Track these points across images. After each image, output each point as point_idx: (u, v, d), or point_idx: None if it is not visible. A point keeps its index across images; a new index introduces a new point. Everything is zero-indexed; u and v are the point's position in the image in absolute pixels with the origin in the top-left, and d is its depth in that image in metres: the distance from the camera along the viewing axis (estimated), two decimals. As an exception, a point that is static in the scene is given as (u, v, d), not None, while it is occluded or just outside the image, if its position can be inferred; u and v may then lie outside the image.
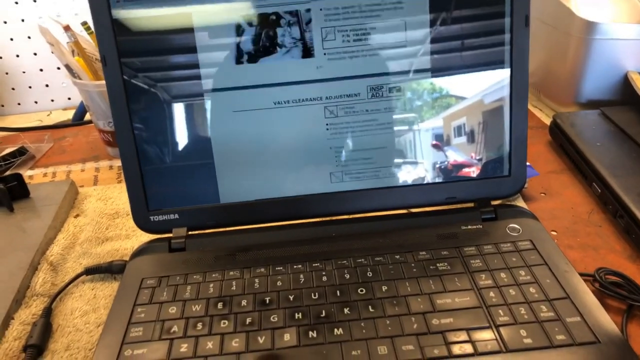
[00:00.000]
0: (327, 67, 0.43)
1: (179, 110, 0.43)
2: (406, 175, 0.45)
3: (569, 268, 0.38)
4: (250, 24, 0.42)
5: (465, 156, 0.45)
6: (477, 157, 0.45)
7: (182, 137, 0.44)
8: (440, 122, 0.44)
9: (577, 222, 0.47)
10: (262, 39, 0.42)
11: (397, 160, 0.45)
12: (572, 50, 0.60)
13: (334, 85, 0.43)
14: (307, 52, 0.42)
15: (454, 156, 0.45)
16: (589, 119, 0.57)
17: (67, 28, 0.57)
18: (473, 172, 0.45)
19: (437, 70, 0.43)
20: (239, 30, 0.42)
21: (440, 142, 0.45)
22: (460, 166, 0.45)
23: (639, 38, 0.58)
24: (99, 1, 0.41)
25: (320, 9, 0.42)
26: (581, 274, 0.38)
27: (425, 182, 0.45)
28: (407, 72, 0.43)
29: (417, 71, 0.43)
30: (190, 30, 0.42)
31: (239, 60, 0.42)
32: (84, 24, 0.59)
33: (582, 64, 0.59)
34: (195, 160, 0.44)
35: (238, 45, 0.42)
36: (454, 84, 0.43)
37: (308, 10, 0.41)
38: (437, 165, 0.45)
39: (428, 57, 0.43)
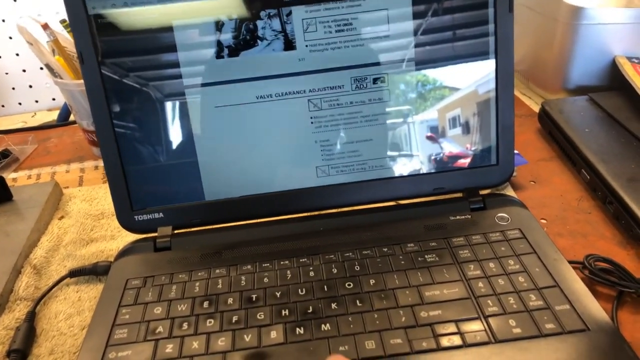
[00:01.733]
0: (310, 59, 0.42)
1: (160, 107, 0.42)
2: (393, 167, 0.44)
3: (558, 256, 0.38)
4: (229, 18, 0.41)
5: (452, 146, 0.44)
6: (465, 147, 0.44)
7: (164, 135, 0.43)
8: (426, 113, 0.43)
9: (566, 210, 0.47)
10: (242, 33, 0.41)
11: (383, 153, 0.44)
12: (559, 36, 0.59)
13: (317, 78, 0.42)
14: (289, 45, 0.42)
15: (441, 147, 0.44)
16: (578, 105, 0.56)
17: (45, 26, 0.56)
18: (461, 162, 0.44)
19: (422, 62, 0.43)
20: (218, 25, 0.41)
21: (427, 133, 0.44)
22: (448, 156, 0.44)
23: (626, 22, 0.57)
24: (73, -3, 0.40)
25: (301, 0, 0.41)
26: (571, 262, 0.38)
27: (412, 173, 0.44)
28: (391, 63, 0.42)
29: (401, 62, 0.42)
30: (169, 28, 0.41)
31: (219, 55, 0.42)
32: (63, 21, 0.58)
33: (569, 49, 0.59)
34: (178, 158, 0.43)
35: (218, 40, 0.41)
36: (438, 75, 0.43)
37: (288, 2, 0.41)
38: (424, 156, 0.44)
39: (412, 48, 0.42)
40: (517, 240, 0.40)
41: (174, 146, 0.43)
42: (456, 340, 0.33)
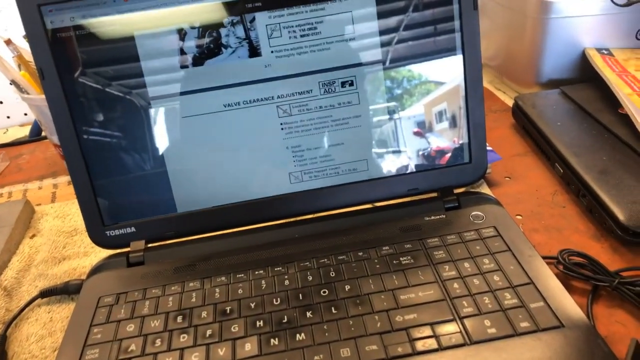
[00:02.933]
0: (276, 65, 0.41)
1: (127, 119, 0.42)
2: (367, 170, 0.44)
3: (532, 252, 0.38)
4: (192, 27, 0.40)
5: (425, 146, 0.44)
6: (437, 146, 0.44)
7: (132, 147, 0.42)
8: (397, 114, 0.43)
9: (541, 205, 0.47)
10: (205, 41, 0.41)
11: (356, 156, 0.44)
12: (529, 31, 0.59)
13: (284, 84, 0.42)
14: (254, 51, 0.41)
15: (412, 147, 0.44)
16: (550, 99, 0.56)
17: (8, 42, 0.55)
18: (434, 161, 0.44)
19: (389, 62, 0.42)
20: (181, 33, 0.40)
21: (400, 134, 0.44)
22: (421, 156, 0.44)
23: (594, 14, 0.58)
24: (30, 11, 0.39)
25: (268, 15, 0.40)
26: (545, 257, 0.38)
27: (386, 175, 0.44)
28: (358, 65, 0.42)
29: (368, 64, 0.42)
30: (130, 38, 0.40)
31: (183, 65, 0.41)
32: (26, 36, 0.56)
33: (539, 44, 0.59)
34: (148, 170, 0.43)
35: (181, 49, 0.41)
36: (407, 75, 0.43)
37: (251, 8, 0.40)
38: (397, 158, 0.44)
39: (378, 49, 0.42)
40: (492, 239, 0.40)
41: (143, 158, 0.43)
42: (431, 343, 0.32)
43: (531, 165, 0.52)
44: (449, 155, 0.44)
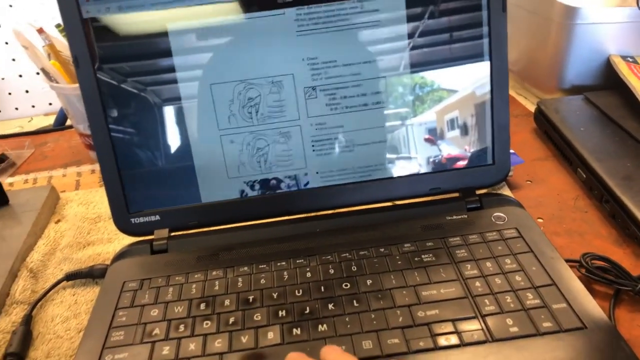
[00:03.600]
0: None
1: (157, 111, 0.42)
2: (390, 168, 0.44)
3: (554, 254, 0.38)
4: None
5: (449, 147, 0.44)
6: (461, 147, 0.44)
7: (161, 139, 0.43)
8: (423, 115, 0.44)
9: (563, 209, 0.47)
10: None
11: (381, 154, 0.44)
12: (553, 36, 0.59)
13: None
14: (284, 46, 0.42)
15: (437, 147, 0.44)
16: (573, 105, 0.56)
17: (40, 31, 0.56)
18: (457, 162, 0.45)
19: (416, 65, 0.43)
20: (214, 28, 0.41)
21: (424, 134, 0.44)
22: (445, 157, 0.44)
23: (620, 21, 0.58)
24: (67, 1, 0.40)
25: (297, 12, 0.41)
26: (567, 260, 0.38)
27: (409, 174, 0.44)
28: (387, 67, 0.42)
29: (397, 66, 0.42)
30: (164, 32, 0.41)
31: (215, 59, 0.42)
32: (59, 26, 0.58)
33: (564, 49, 0.59)
34: (175, 161, 0.43)
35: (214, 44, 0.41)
36: (434, 77, 0.43)
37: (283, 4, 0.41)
38: (421, 157, 0.44)
39: (407, 52, 0.42)
40: (514, 240, 0.40)
41: (171, 150, 0.43)
42: (453, 339, 0.33)
43: (553, 170, 0.52)
44: (472, 156, 0.44)
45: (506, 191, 0.50)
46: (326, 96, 0.43)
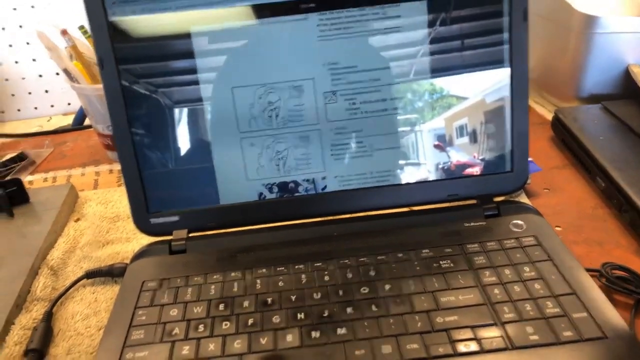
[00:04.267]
0: (326, 65, 0.42)
1: (178, 113, 0.43)
2: (407, 173, 0.45)
3: (574, 263, 0.38)
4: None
5: (467, 154, 0.44)
6: (479, 155, 0.44)
7: (181, 141, 0.43)
8: (441, 122, 0.44)
9: (581, 217, 0.46)
10: (259, 38, 0.42)
11: (398, 160, 0.44)
12: (572, 45, 0.59)
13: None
14: (306, 51, 0.42)
15: (456, 155, 0.44)
16: (591, 113, 0.56)
17: (64, 32, 0.57)
18: (475, 169, 0.45)
19: (437, 71, 0.43)
20: (238, 34, 0.42)
21: (442, 141, 0.44)
22: (463, 164, 0.44)
23: (639, 31, 0.57)
24: (94, 3, 0.41)
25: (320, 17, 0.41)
26: (587, 270, 0.38)
27: (427, 179, 0.45)
28: (406, 73, 0.43)
29: (416, 72, 0.43)
30: (187, 34, 0.41)
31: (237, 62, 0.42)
32: (81, 27, 0.59)
33: (582, 58, 0.59)
34: (195, 162, 0.44)
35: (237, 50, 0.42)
36: (453, 84, 0.43)
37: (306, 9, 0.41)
38: (439, 164, 0.44)
39: (427, 57, 0.42)
40: (533, 247, 0.40)
41: (191, 151, 0.44)
42: (473, 346, 0.33)
43: (570, 178, 0.52)
44: (490, 163, 0.44)
45: (523, 199, 0.50)
46: (346, 101, 0.43)
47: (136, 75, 0.42)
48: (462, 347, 0.32)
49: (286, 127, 0.43)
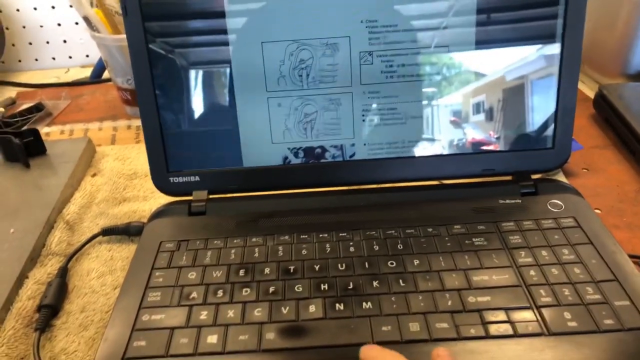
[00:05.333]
0: (363, 23, 0.39)
1: (203, 74, 0.41)
2: (442, 144, 0.42)
3: (617, 248, 0.36)
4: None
5: (506, 127, 0.42)
6: (519, 128, 0.42)
7: (205, 101, 0.41)
8: (483, 93, 0.41)
9: (623, 201, 0.44)
10: None
11: (435, 130, 0.42)
12: (623, 17, 0.55)
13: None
14: (342, 6, 0.39)
15: (495, 127, 0.42)
16: (639, 91, 0.53)
17: (85, -23, 0.54)
18: (513, 143, 0.42)
19: (483, 42, 0.40)
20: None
21: (482, 113, 0.41)
22: (501, 137, 0.42)
23: (697, 5, 0.53)
24: (119, -57, 0.38)
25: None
26: (629, 256, 0.35)
27: (461, 152, 0.42)
28: (450, 41, 0.40)
29: (461, 41, 0.40)
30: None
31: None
32: (105, -27, 0.56)
33: (634, 31, 0.55)
34: (219, 123, 0.42)
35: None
36: (499, 56, 0.40)
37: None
38: (476, 136, 0.42)
39: (473, 28, 0.39)
40: (572, 229, 0.38)
41: (215, 110, 0.42)
42: (506, 329, 0.31)
43: (612, 159, 0.49)
44: (530, 138, 0.42)
45: (561, 178, 0.47)
46: (382, 63, 0.40)
47: (161, 28, 0.40)
48: (494, 330, 0.31)
49: (317, 89, 0.41)
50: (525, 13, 0.40)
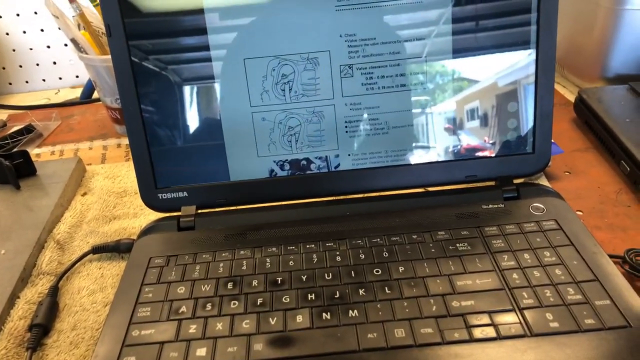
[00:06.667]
0: (342, 37, 0.40)
1: (188, 91, 0.42)
2: (424, 153, 0.43)
3: (597, 249, 0.36)
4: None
5: (486, 134, 0.42)
6: (500, 135, 0.42)
7: (191, 117, 0.42)
8: (460, 101, 0.42)
9: (604, 202, 0.45)
10: (273, 8, 0.40)
11: (415, 139, 0.43)
12: (600, 22, 0.57)
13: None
14: (321, 21, 0.40)
15: (474, 135, 0.42)
16: (617, 94, 0.54)
17: (72, 0, 0.55)
18: (494, 149, 0.43)
19: (459, 51, 0.41)
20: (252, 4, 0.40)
21: (460, 122, 0.42)
22: (482, 144, 0.43)
23: (671, 8, 0.55)
24: (102, -32, 0.39)
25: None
26: (610, 256, 0.36)
27: (444, 159, 0.43)
28: (427, 51, 0.41)
29: (438, 50, 0.41)
30: (200, 10, 0.40)
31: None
32: (90, -5, 0.57)
33: (610, 36, 0.56)
34: (205, 138, 0.43)
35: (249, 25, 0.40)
36: (476, 63, 0.41)
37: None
38: (457, 144, 0.43)
39: (449, 37, 0.40)
40: (553, 232, 0.38)
41: (201, 126, 0.42)
42: (490, 332, 0.31)
43: (593, 162, 0.50)
44: (510, 144, 0.43)
45: (543, 181, 0.48)
46: (363, 75, 0.41)
47: (145, 48, 0.40)
48: (478, 333, 0.31)
49: (299, 102, 0.42)
50: (499, 21, 0.41)
